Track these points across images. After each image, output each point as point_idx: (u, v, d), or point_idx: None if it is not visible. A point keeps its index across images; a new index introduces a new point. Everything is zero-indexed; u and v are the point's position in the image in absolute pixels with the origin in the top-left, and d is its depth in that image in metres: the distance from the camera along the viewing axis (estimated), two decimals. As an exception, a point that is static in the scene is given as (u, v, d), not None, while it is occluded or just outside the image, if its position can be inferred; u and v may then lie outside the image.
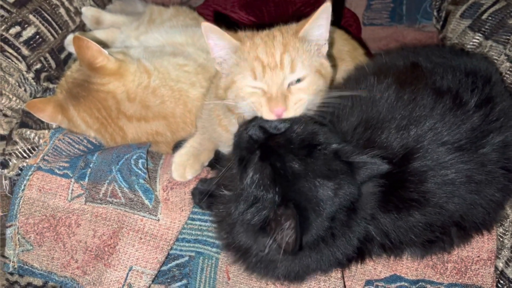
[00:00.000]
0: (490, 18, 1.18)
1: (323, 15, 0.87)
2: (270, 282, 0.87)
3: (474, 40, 1.18)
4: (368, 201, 0.77)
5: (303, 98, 0.85)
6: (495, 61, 1.07)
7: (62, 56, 1.29)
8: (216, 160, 1.01)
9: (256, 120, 0.81)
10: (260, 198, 0.73)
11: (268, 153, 0.75)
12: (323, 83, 0.89)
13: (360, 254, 0.82)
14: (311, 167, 0.73)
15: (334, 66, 0.96)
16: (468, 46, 1.19)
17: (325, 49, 0.92)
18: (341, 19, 1.57)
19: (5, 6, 1.13)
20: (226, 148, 0.98)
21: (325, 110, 0.87)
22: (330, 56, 0.97)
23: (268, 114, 0.83)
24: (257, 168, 0.74)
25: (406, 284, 0.89)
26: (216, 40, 0.87)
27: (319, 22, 0.87)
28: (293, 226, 0.68)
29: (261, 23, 1.52)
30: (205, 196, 0.91)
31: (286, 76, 0.84)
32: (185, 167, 0.95)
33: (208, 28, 0.86)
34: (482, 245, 0.88)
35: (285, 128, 0.78)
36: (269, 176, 0.72)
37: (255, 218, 0.73)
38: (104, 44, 1.12)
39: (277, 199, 0.72)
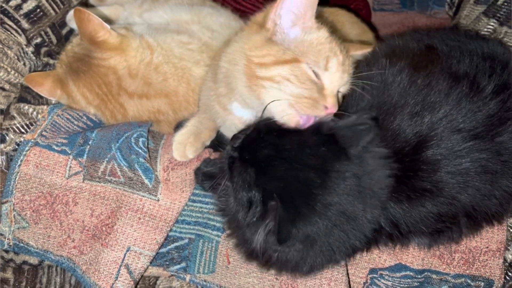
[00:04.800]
0: (505, 3, 1.14)
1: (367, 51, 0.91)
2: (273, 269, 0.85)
3: (489, 26, 1.15)
4: (376, 169, 0.73)
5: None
6: (510, 47, 1.04)
7: (64, 31, 1.25)
8: (219, 142, 0.98)
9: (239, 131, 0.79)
10: (252, 199, 0.71)
11: (244, 152, 0.73)
12: None
13: (367, 244, 0.79)
14: (280, 147, 0.70)
15: None
16: (482, 33, 1.15)
17: None
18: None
19: (5, -23, 1.10)
20: (225, 128, 0.96)
21: None
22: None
23: (320, 110, 0.77)
24: (238, 171, 0.72)
25: (411, 273, 0.87)
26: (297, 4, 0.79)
27: (362, 54, 0.91)
28: (274, 215, 0.66)
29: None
30: (208, 178, 0.89)
31: (345, 81, 0.82)
32: (185, 145, 0.92)
33: None
34: (491, 236, 0.86)
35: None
36: (249, 175, 0.71)
37: (256, 220, 0.71)
38: (107, 21, 1.09)
39: (261, 194, 0.69)
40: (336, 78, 0.79)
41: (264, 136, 0.72)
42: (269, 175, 0.70)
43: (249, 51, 0.81)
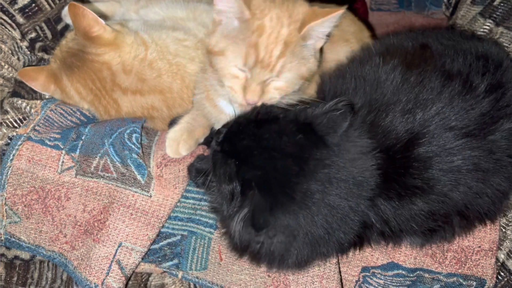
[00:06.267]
0: (502, 4, 1.14)
1: (335, 19, 0.83)
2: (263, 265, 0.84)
3: (485, 27, 1.15)
4: (358, 157, 0.73)
5: (276, 98, 0.84)
6: (506, 48, 1.04)
7: (59, 27, 1.24)
8: (212, 138, 0.98)
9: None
10: (234, 191, 0.71)
11: (225, 144, 0.74)
12: (301, 84, 0.87)
13: (359, 241, 0.79)
14: (258, 137, 0.71)
15: (319, 62, 0.93)
16: (478, 33, 1.15)
17: (320, 44, 0.89)
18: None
19: (0, -29, 1.09)
20: (219, 126, 0.95)
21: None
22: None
23: (241, 100, 0.83)
24: (219, 163, 0.73)
25: (403, 272, 0.86)
26: (226, 2, 0.82)
27: (327, 24, 0.84)
28: (250, 202, 0.67)
29: None
30: (201, 174, 0.89)
31: (272, 77, 0.83)
32: (178, 142, 0.92)
33: None
34: (484, 235, 0.86)
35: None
36: (229, 166, 0.71)
37: (236, 210, 0.71)
38: (103, 17, 1.09)
39: (241, 184, 0.70)
40: (257, 74, 0.82)
41: (244, 128, 0.74)
42: (248, 165, 0.70)
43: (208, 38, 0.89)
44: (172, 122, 1.00)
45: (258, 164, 0.70)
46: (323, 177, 0.70)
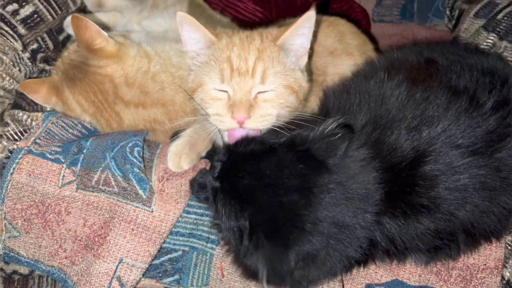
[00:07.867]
0: (505, 18, 1.14)
1: (306, 23, 0.83)
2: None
3: (488, 40, 1.14)
4: (359, 171, 0.72)
5: (270, 114, 0.82)
6: (510, 62, 1.04)
7: (61, 37, 1.24)
8: (215, 154, 0.97)
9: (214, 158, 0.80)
10: (242, 228, 0.70)
11: (224, 182, 0.73)
12: (293, 100, 0.85)
13: (364, 259, 0.78)
14: (259, 174, 0.70)
15: (311, 80, 0.93)
16: (482, 47, 1.15)
17: (303, 60, 0.88)
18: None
19: (3, -18, 1.09)
20: (221, 141, 0.95)
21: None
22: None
23: (230, 122, 0.81)
24: (222, 202, 0.72)
25: (408, 290, 0.85)
26: (191, 32, 0.85)
27: (301, 31, 0.84)
28: (262, 258, 0.66)
29: (266, 17, 1.49)
30: (203, 189, 0.87)
31: (255, 85, 0.81)
32: (180, 156, 0.90)
33: (184, 19, 0.83)
34: (489, 253, 0.84)
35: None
36: (233, 207, 0.70)
37: (250, 253, 0.70)
38: (105, 28, 1.08)
39: (248, 225, 0.69)
40: (237, 85, 0.81)
41: (241, 165, 0.72)
42: (253, 206, 0.69)
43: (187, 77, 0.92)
44: (175, 136, 0.99)
45: (264, 205, 0.68)
46: (329, 201, 0.69)
